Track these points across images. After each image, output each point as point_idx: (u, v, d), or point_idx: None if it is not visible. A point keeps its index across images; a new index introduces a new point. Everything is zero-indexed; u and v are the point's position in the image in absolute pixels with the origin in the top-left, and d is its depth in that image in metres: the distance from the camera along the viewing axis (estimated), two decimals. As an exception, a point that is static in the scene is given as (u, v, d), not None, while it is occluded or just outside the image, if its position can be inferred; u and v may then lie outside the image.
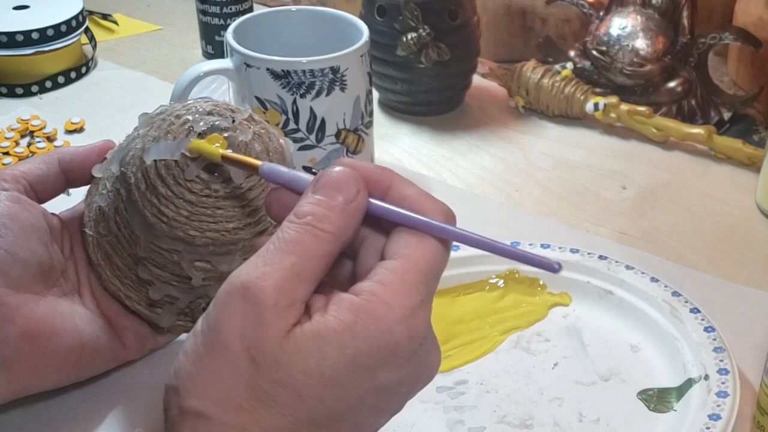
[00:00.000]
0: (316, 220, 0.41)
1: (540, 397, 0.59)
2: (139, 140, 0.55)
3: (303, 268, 0.40)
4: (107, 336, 0.58)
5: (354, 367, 0.40)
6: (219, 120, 0.54)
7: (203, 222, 0.54)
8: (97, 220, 0.58)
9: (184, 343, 0.41)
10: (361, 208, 0.43)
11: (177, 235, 0.54)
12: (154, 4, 1.16)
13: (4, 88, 0.95)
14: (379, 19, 0.86)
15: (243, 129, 0.54)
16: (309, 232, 0.41)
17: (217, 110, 0.55)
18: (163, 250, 0.55)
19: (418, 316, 0.41)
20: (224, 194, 0.54)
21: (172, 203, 0.54)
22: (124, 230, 0.56)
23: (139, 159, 0.54)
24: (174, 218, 0.54)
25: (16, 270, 0.54)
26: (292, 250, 0.41)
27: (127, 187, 0.55)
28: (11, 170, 0.57)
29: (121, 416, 0.58)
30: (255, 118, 0.56)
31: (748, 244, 0.74)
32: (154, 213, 0.54)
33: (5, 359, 0.53)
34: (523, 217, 0.77)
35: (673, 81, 0.89)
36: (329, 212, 0.42)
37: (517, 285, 0.67)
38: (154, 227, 0.54)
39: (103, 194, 0.57)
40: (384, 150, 0.85)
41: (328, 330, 0.39)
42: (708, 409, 0.55)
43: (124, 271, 0.57)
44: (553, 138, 0.88)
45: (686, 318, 0.62)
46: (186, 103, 0.56)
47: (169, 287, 0.57)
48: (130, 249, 0.56)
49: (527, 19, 1.04)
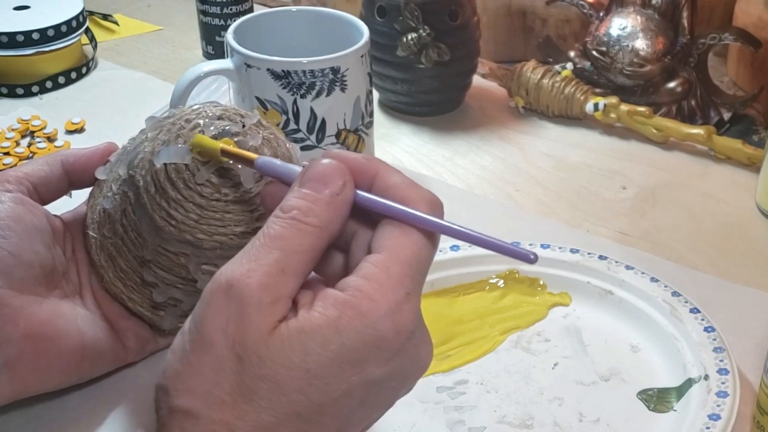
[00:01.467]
0: (301, 214, 0.41)
1: (540, 397, 0.59)
2: (148, 144, 0.55)
3: (287, 264, 0.40)
4: (108, 338, 0.58)
5: (339, 362, 0.40)
6: (229, 125, 0.54)
7: (212, 225, 0.54)
8: (101, 222, 0.58)
9: (173, 342, 0.41)
10: (348, 201, 0.43)
11: (185, 239, 0.54)
12: (155, 4, 1.16)
13: (4, 89, 0.95)
14: (379, 19, 0.86)
15: (252, 134, 0.54)
16: (293, 227, 0.41)
17: (227, 115, 0.55)
18: (170, 253, 0.55)
19: (404, 309, 0.41)
20: (233, 198, 0.54)
21: (181, 206, 0.54)
22: (130, 233, 0.56)
23: (148, 162, 0.54)
24: (183, 221, 0.54)
25: (20, 271, 0.54)
26: (276, 245, 0.41)
27: (135, 190, 0.55)
28: (15, 171, 0.57)
29: (122, 417, 0.58)
30: (264, 124, 0.56)
31: (748, 244, 0.74)
32: (163, 216, 0.54)
33: (8, 360, 0.53)
34: (523, 217, 0.77)
35: (673, 81, 0.89)
36: (314, 205, 0.42)
37: (517, 285, 0.67)
38: (162, 230, 0.54)
39: (109, 197, 0.57)
40: (384, 150, 0.85)
41: (312, 326, 0.40)
42: (708, 409, 0.55)
43: (128, 273, 0.57)
44: (553, 138, 0.88)
45: (686, 318, 0.62)
46: (195, 107, 0.56)
47: (174, 290, 0.57)
48: (135, 251, 0.56)
49: (527, 20, 1.04)
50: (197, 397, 0.40)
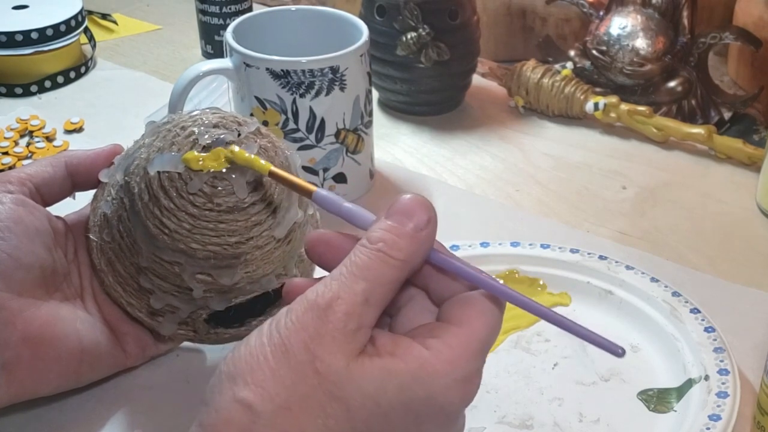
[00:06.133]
0: (387, 247, 0.42)
1: (540, 397, 0.59)
2: (144, 150, 0.55)
3: (372, 294, 0.42)
4: (108, 342, 0.58)
5: (407, 410, 0.41)
6: (225, 133, 0.54)
7: (205, 235, 0.53)
8: (101, 226, 0.57)
9: (247, 338, 0.42)
10: (431, 237, 0.44)
11: (178, 248, 0.54)
12: (154, 3, 1.16)
13: (3, 88, 0.94)
14: (378, 18, 0.86)
15: (248, 143, 0.53)
16: (380, 259, 0.42)
17: (223, 123, 0.54)
18: (164, 261, 0.55)
19: (473, 382, 0.43)
20: (227, 208, 0.53)
21: (174, 215, 0.53)
22: (126, 239, 0.56)
23: (143, 169, 0.54)
24: (176, 230, 0.53)
25: (19, 274, 0.53)
26: (363, 275, 0.42)
27: (130, 197, 0.55)
28: (17, 172, 0.57)
29: (122, 417, 0.58)
30: (262, 131, 0.55)
31: (748, 244, 0.74)
32: (156, 224, 0.54)
33: (6, 363, 0.52)
34: (523, 217, 0.77)
35: (673, 81, 0.89)
36: (399, 239, 0.43)
37: (517, 285, 0.67)
38: (156, 239, 0.54)
39: (108, 201, 0.57)
40: (384, 150, 0.85)
41: (395, 368, 0.41)
42: (708, 410, 0.55)
43: (126, 278, 0.57)
44: (553, 138, 0.88)
45: (686, 318, 0.62)
46: (194, 113, 0.56)
47: (171, 297, 0.56)
48: (132, 258, 0.56)
49: (527, 19, 1.04)
50: (266, 397, 0.40)
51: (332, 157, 0.74)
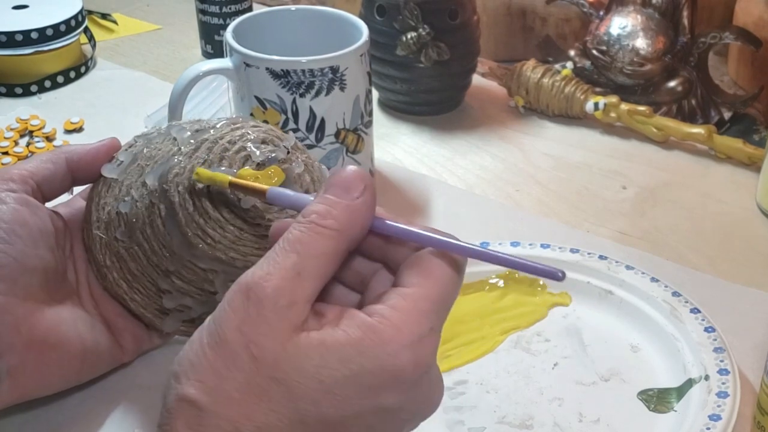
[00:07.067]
0: (319, 218, 0.42)
1: (540, 398, 0.59)
2: (183, 159, 0.54)
3: (304, 267, 0.41)
4: (107, 340, 0.58)
5: (355, 383, 0.40)
6: (275, 151, 0.54)
7: (248, 247, 0.54)
8: (110, 223, 0.57)
9: (192, 335, 0.42)
10: (368, 204, 0.43)
11: (217, 257, 0.54)
12: (154, 3, 1.16)
13: (3, 88, 0.94)
14: (378, 18, 0.86)
15: (296, 161, 0.54)
16: (311, 230, 0.41)
17: (269, 138, 0.55)
18: (198, 268, 0.55)
19: (425, 343, 0.41)
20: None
21: (221, 227, 0.54)
22: (153, 243, 0.55)
23: (187, 180, 0.54)
24: (220, 241, 0.54)
25: (24, 279, 0.53)
26: (294, 248, 0.41)
27: (168, 205, 0.54)
28: (18, 170, 0.56)
29: (120, 417, 0.58)
30: (299, 146, 0.56)
31: (748, 244, 0.74)
32: (199, 234, 0.54)
33: (10, 369, 0.52)
34: (523, 217, 0.77)
35: (674, 80, 0.89)
36: (333, 209, 0.42)
37: (517, 285, 0.67)
38: (195, 247, 0.54)
39: (127, 201, 0.56)
40: (384, 150, 0.85)
41: (333, 341, 0.40)
42: (708, 410, 0.55)
43: (138, 277, 0.57)
44: (553, 138, 0.88)
45: (686, 318, 0.62)
46: (236, 126, 0.56)
47: (188, 298, 0.56)
48: (156, 261, 0.56)
49: (527, 19, 1.04)
50: (206, 390, 0.40)
51: (332, 157, 0.74)
